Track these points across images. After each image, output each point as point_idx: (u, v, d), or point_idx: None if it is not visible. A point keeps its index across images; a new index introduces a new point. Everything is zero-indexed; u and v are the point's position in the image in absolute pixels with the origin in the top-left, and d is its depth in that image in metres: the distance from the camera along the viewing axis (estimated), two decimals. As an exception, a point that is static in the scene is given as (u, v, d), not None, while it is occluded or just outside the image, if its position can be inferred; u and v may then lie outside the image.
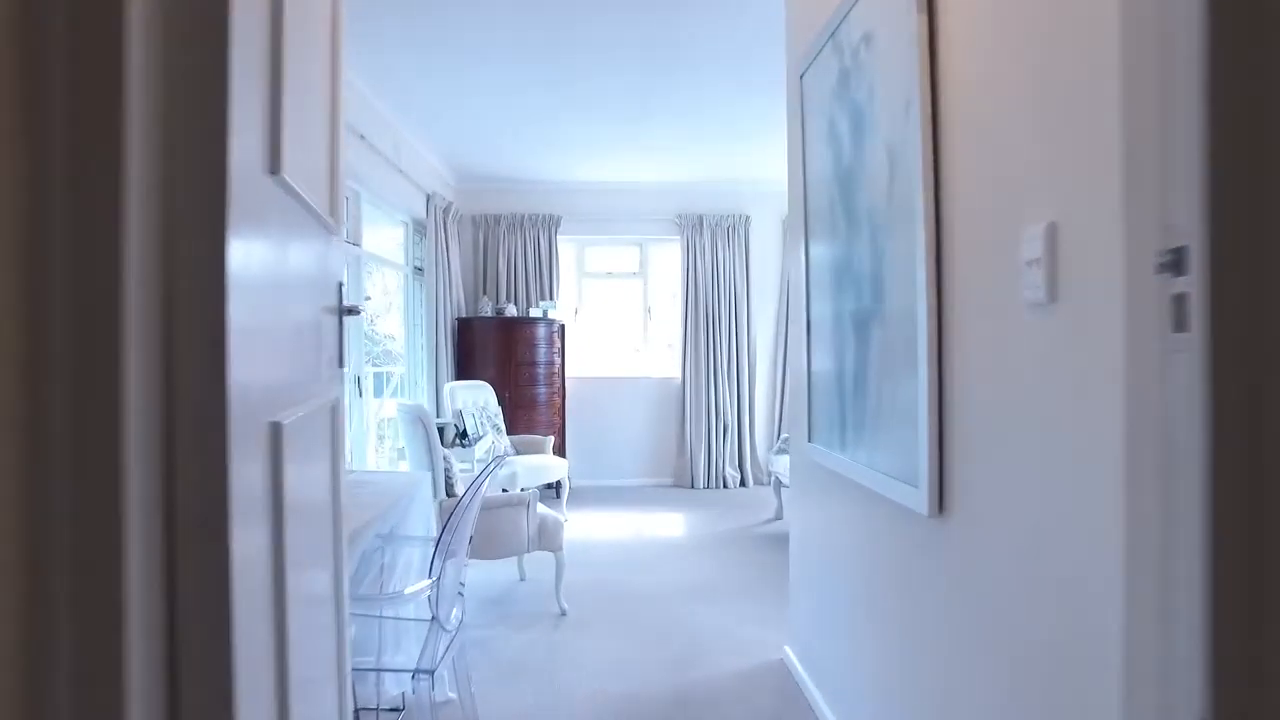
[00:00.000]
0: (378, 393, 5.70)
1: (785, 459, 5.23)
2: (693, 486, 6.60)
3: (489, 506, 3.41)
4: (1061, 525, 1.20)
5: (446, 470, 3.39)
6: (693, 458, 6.62)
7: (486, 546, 3.40)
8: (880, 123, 1.88)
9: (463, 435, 4.52)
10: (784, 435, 5.54)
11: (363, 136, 4.19)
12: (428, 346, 5.62)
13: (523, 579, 4.02)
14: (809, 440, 2.62)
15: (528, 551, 3.49)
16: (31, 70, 0.62)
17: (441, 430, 4.28)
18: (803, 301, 2.66)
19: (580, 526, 5.24)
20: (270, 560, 0.90)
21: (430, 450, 3.31)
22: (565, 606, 3.52)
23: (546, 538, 3.49)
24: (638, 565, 4.34)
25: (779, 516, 5.44)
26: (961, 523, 1.55)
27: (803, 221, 2.65)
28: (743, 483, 6.68)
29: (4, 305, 0.60)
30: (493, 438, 5.14)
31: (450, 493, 3.41)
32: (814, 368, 2.54)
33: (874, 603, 2.04)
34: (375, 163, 4.51)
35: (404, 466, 4.18)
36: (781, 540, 4.73)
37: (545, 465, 5.22)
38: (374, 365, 5.29)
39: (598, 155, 5.82)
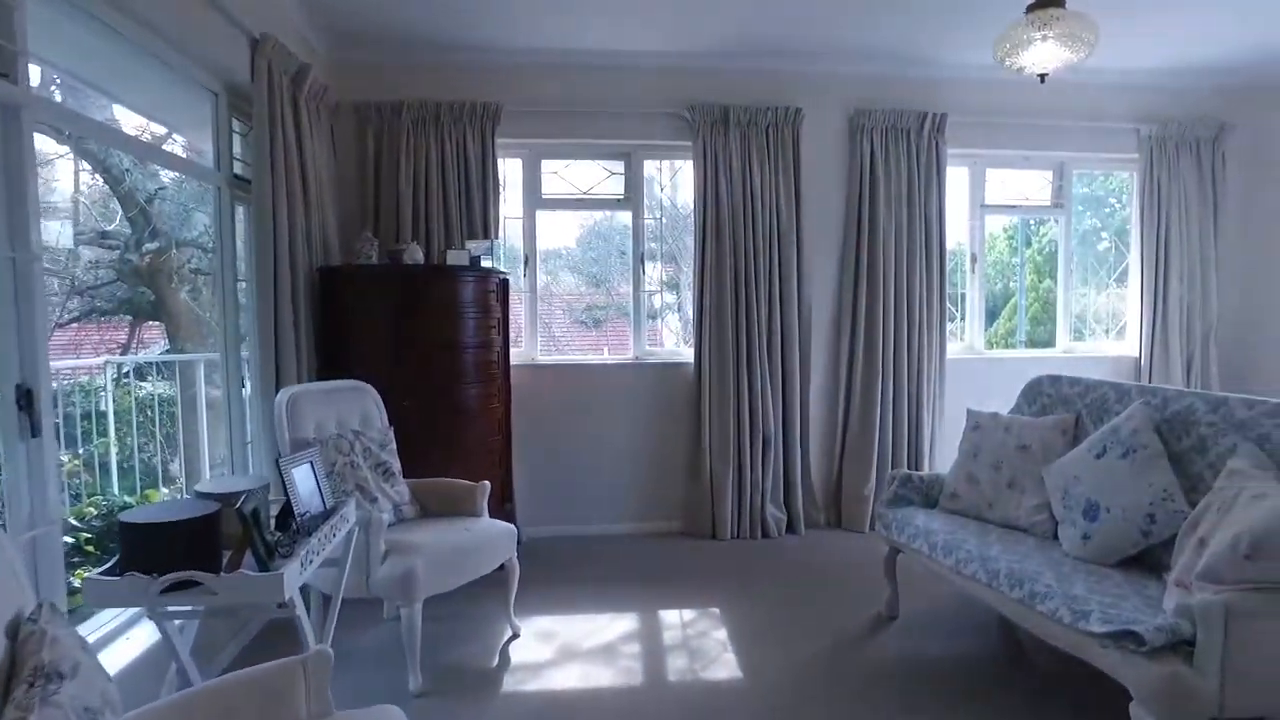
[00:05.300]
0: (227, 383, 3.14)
1: (915, 514, 2.89)
2: (714, 536, 4.21)
3: None
4: None
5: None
6: (715, 490, 4.22)
7: None
8: None
9: (280, 521, 2.00)
10: (903, 472, 3.14)
11: None
12: (257, 319, 3.05)
13: None
14: None
15: None
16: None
17: (255, 517, 1.75)
18: None
19: (536, 655, 2.80)
20: None
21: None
22: None
23: None
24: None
25: (894, 614, 3.09)
26: None
27: None
28: (790, 527, 4.32)
29: None
30: (375, 489, 2.65)
31: None
32: None
33: None
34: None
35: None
36: (949, 675, 2.36)
37: (474, 544, 2.74)
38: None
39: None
